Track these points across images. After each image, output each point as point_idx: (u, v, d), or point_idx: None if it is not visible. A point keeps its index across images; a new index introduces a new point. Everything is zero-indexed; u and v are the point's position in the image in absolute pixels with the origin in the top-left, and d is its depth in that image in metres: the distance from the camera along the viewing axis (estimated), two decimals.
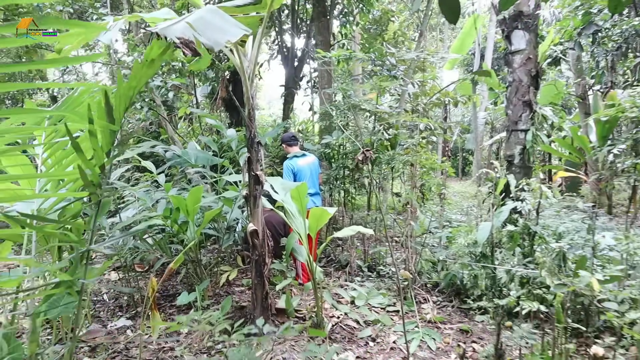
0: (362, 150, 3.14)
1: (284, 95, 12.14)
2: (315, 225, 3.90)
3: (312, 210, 3.80)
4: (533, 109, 6.37)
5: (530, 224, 4.29)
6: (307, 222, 3.96)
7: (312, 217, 3.82)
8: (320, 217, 3.79)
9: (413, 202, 4.85)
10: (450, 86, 12.93)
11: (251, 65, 3.86)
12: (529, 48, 6.38)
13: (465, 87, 13.72)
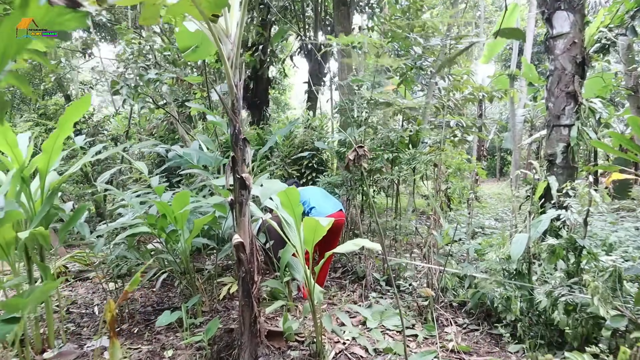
0: (355, 147, 2.49)
1: (307, 92, 11.56)
2: (310, 238, 3.26)
3: (305, 221, 3.18)
4: (578, 101, 5.55)
5: (577, 237, 3.53)
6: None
7: (307, 229, 3.19)
8: (315, 229, 3.16)
9: (436, 208, 4.15)
10: (485, 80, 12.08)
11: (234, 48, 3.26)
12: (574, 31, 5.56)
13: (502, 82, 12.82)
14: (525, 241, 3.57)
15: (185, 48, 5.27)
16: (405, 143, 5.24)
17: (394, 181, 5.28)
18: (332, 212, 4.90)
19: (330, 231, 5.13)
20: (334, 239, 5.14)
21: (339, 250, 3.29)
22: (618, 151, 3.53)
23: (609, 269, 3.41)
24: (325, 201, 4.96)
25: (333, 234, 5.08)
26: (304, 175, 6.01)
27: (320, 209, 4.89)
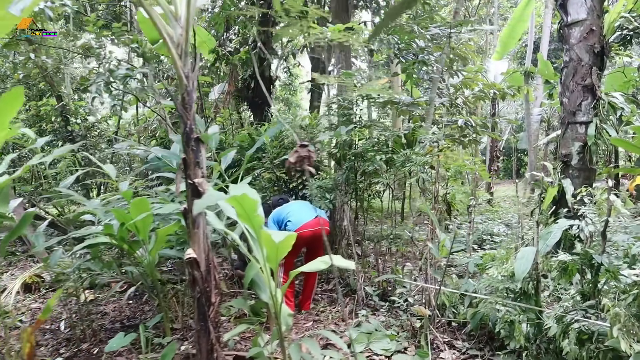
0: (296, 148, 2.01)
1: (309, 91, 11.11)
2: (273, 255, 2.79)
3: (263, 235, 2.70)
4: (596, 96, 4.98)
5: (593, 252, 2.99)
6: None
7: (268, 244, 2.72)
8: (280, 244, 2.68)
9: (431, 217, 3.63)
10: (498, 78, 11.47)
11: (184, 33, 2.80)
12: (591, 18, 4.99)
13: (516, 80, 12.18)
14: (532, 256, 3.04)
15: (155, 40, 4.83)
16: (401, 143, 4.73)
17: (389, 185, 4.77)
18: (307, 221, 4.51)
19: (311, 241, 4.67)
20: (318, 248, 4.73)
21: (305, 269, 2.82)
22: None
23: (634, 290, 2.86)
24: (302, 211, 4.62)
25: (315, 243, 4.69)
26: (294, 179, 5.54)
27: (295, 220, 4.54)
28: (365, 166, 4.53)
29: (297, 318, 4.58)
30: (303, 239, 4.59)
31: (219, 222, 3.03)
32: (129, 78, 4.65)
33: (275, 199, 5.18)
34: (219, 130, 7.39)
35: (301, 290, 4.84)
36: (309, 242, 4.69)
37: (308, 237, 4.56)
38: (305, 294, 4.87)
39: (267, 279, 2.96)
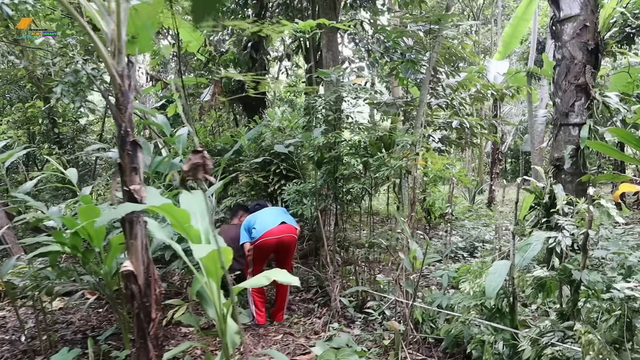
0: (189, 155, 1.77)
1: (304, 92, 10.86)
2: (213, 269, 2.54)
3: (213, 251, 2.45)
4: (590, 96, 4.68)
5: (573, 267, 2.71)
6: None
7: (209, 258, 2.46)
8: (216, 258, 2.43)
9: (402, 226, 3.36)
10: (498, 78, 11.15)
11: (116, 29, 2.57)
12: (585, 13, 4.69)
13: (519, 81, 11.84)
14: (505, 271, 2.76)
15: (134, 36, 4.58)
16: (378, 146, 4.45)
17: (367, 190, 4.50)
18: (271, 228, 4.31)
19: (278, 248, 4.43)
20: (286, 255, 4.54)
21: (245, 285, 2.57)
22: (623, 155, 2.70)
23: (616, 311, 2.58)
24: (268, 218, 4.42)
25: (283, 251, 4.50)
26: (272, 183, 5.29)
27: (259, 227, 4.36)
28: (342, 170, 4.27)
29: (267, 330, 4.34)
30: (268, 247, 4.37)
31: (160, 232, 2.79)
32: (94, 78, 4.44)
33: (252, 204, 4.98)
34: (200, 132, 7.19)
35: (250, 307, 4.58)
36: (276, 250, 4.47)
37: (273, 245, 4.35)
38: (278, 305, 4.63)
39: (211, 294, 2.71)
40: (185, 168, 1.78)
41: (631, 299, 2.86)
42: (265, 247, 4.37)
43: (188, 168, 1.77)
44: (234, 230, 4.99)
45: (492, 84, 9.37)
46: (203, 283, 2.75)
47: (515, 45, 12.23)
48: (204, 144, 7.59)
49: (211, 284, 2.70)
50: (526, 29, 12.19)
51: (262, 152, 5.42)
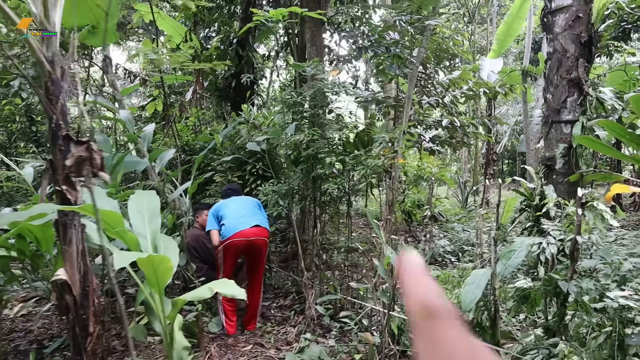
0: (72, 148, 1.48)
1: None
2: (153, 278, 2.25)
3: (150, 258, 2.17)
4: (583, 91, 4.41)
5: (560, 277, 2.42)
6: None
7: (144, 266, 2.18)
8: (155, 267, 2.15)
9: (376, 230, 3.08)
10: (492, 76, 10.87)
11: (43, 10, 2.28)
12: (578, 3, 4.42)
13: (514, 79, 11.59)
14: (485, 281, 2.48)
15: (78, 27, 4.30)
16: (355, 144, 4.17)
17: (345, 190, 4.22)
18: (242, 229, 4.04)
19: (248, 250, 4.16)
20: (257, 259, 4.27)
21: (188, 297, 2.29)
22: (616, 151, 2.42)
23: (607, 327, 2.30)
24: (240, 217, 4.14)
25: (253, 253, 4.24)
26: (248, 183, 5.00)
27: (230, 226, 4.09)
28: (318, 169, 3.99)
29: (236, 340, 4.05)
30: (238, 248, 4.11)
31: (99, 236, 2.50)
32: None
33: (224, 188, 4.72)
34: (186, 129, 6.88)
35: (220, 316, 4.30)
36: (246, 252, 4.21)
37: (243, 246, 4.09)
38: (250, 313, 4.33)
39: (155, 306, 2.42)
40: (67, 163, 1.50)
41: (625, 309, 2.60)
42: (234, 248, 4.10)
43: (71, 163, 1.49)
44: (191, 232, 4.72)
45: (485, 82, 9.10)
46: (147, 294, 2.47)
47: (509, 43, 11.97)
48: (185, 142, 7.32)
49: (154, 294, 2.42)
50: (521, 27, 11.92)
51: (237, 150, 5.13)
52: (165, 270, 2.20)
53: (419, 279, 0.38)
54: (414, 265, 0.39)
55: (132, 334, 2.94)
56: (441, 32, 9.24)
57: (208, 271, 4.70)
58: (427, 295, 0.36)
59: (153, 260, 2.10)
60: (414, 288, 0.37)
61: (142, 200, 2.79)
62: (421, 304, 0.35)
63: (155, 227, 2.64)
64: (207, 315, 4.42)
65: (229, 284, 2.31)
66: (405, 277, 0.38)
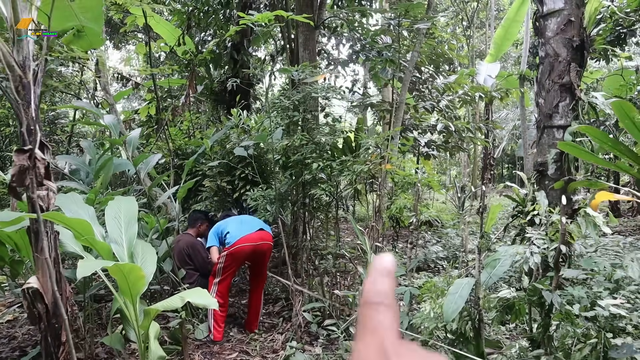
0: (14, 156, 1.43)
1: None
2: (126, 286, 2.20)
3: (120, 266, 2.11)
4: (575, 96, 4.35)
5: (544, 287, 2.36)
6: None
7: (116, 274, 2.13)
8: (129, 274, 2.09)
9: (359, 236, 3.02)
10: (488, 80, 10.83)
11: (12, 12, 2.23)
12: (570, 7, 4.37)
13: (512, 84, 11.57)
14: (468, 291, 2.42)
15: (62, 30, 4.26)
16: (340, 149, 4.12)
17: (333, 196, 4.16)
18: (247, 234, 4.05)
19: (254, 255, 4.15)
20: (261, 263, 4.30)
21: (159, 307, 2.23)
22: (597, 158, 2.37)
23: (592, 339, 2.24)
24: (241, 224, 4.16)
25: (258, 258, 4.27)
26: (237, 189, 4.94)
27: (234, 232, 4.08)
28: (305, 175, 3.94)
29: (222, 347, 3.99)
30: (244, 254, 4.09)
31: (74, 243, 2.45)
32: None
33: (221, 215, 4.82)
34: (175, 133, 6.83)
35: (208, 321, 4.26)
36: (251, 257, 4.22)
37: (249, 252, 4.08)
38: (251, 315, 4.39)
39: (129, 315, 2.37)
40: (11, 172, 1.44)
41: (617, 318, 2.54)
42: (240, 254, 4.07)
43: (14, 172, 1.43)
44: (187, 238, 4.67)
45: (481, 86, 9.06)
46: (121, 303, 2.41)
47: (507, 47, 11.93)
48: (177, 146, 7.27)
49: (127, 303, 2.36)
50: (518, 31, 11.89)
51: (227, 155, 5.08)
52: (137, 278, 2.14)
53: (379, 277, 0.41)
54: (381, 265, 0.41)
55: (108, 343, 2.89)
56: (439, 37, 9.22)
57: (199, 279, 4.65)
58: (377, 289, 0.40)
59: (123, 269, 2.04)
60: (371, 284, 0.40)
61: (120, 207, 2.73)
62: (366, 295, 0.40)
63: (132, 233, 2.59)
64: (193, 322, 4.36)
65: (202, 293, 2.25)
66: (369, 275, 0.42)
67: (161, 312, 4.41)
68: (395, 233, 4.50)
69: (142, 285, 2.21)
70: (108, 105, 6.86)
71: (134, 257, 2.57)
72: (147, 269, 2.55)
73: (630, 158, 2.27)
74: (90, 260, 2.16)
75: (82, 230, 2.15)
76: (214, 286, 4.09)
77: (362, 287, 0.42)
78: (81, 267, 1.88)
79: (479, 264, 2.57)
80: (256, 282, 4.35)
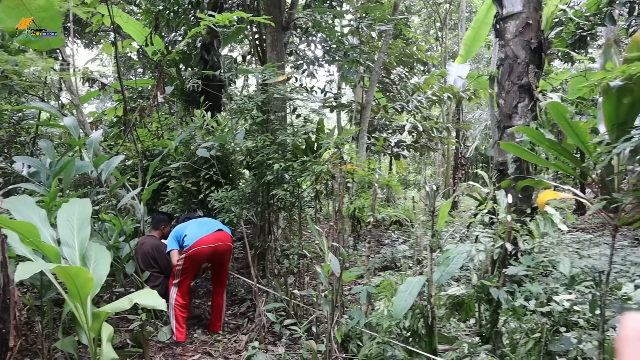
0: None
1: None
2: (74, 289, 2.18)
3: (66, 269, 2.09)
4: (534, 97, 4.46)
5: (492, 284, 2.42)
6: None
7: (64, 277, 2.11)
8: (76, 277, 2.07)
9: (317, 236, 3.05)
10: (458, 81, 10.99)
11: None
12: (528, 10, 4.48)
13: (483, 84, 11.73)
14: (418, 289, 2.46)
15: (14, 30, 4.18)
16: (302, 149, 4.15)
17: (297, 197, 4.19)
18: (204, 236, 4.02)
19: (213, 257, 4.14)
20: (222, 265, 4.29)
21: (107, 309, 2.22)
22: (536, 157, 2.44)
23: (536, 334, 2.30)
24: (199, 226, 4.15)
25: (218, 260, 4.25)
26: (203, 190, 4.92)
27: (192, 235, 4.06)
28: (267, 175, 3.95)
29: (185, 349, 3.97)
30: (202, 255, 4.08)
31: (23, 247, 2.41)
32: None
33: (182, 217, 4.75)
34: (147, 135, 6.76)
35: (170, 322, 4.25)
36: (210, 259, 4.20)
37: (208, 254, 4.07)
38: (214, 316, 4.37)
39: (80, 318, 2.34)
40: None
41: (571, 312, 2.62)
42: (198, 256, 4.05)
43: None
44: (151, 240, 4.64)
45: (450, 87, 9.19)
46: (72, 306, 2.39)
47: (477, 49, 12.08)
48: (146, 148, 7.19)
49: (77, 306, 2.34)
50: (488, 33, 12.07)
51: (192, 156, 5.06)
52: (85, 281, 2.12)
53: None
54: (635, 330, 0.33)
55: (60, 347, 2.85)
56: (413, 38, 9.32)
57: (164, 281, 4.62)
58: None
59: (69, 271, 2.03)
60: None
61: (74, 209, 2.71)
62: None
63: (84, 236, 2.56)
64: (156, 324, 4.33)
65: (151, 294, 2.25)
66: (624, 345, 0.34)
67: (124, 315, 4.39)
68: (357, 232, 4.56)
69: (91, 287, 2.19)
70: (74, 107, 6.75)
71: (87, 260, 2.54)
72: (99, 272, 2.54)
73: (567, 157, 2.34)
74: (31, 263, 2.13)
75: (27, 233, 2.12)
76: (174, 287, 4.10)
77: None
78: (20, 270, 1.86)
79: (430, 263, 2.62)
80: (218, 283, 4.35)
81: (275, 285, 4.32)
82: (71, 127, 3.95)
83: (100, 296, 4.77)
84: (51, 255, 2.25)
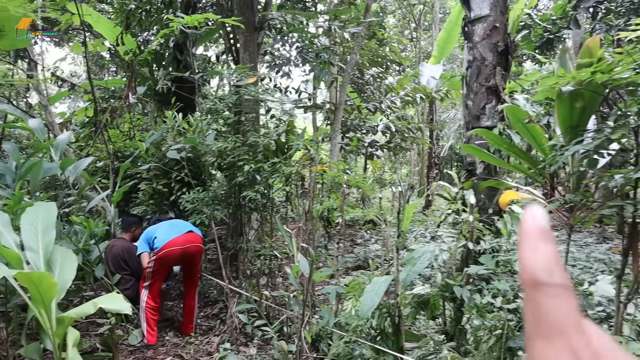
0: None
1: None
2: (37, 294, 2.15)
3: (29, 275, 2.07)
4: (501, 99, 4.57)
5: (455, 283, 2.48)
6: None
7: (27, 282, 2.08)
8: (40, 282, 2.05)
9: (285, 237, 3.07)
10: (431, 82, 11.14)
11: None
12: (495, 13, 4.58)
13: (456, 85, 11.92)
14: (384, 288, 2.50)
15: None
16: (273, 150, 4.17)
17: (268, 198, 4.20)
18: (174, 237, 4.03)
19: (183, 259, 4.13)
20: (192, 266, 4.30)
21: (71, 314, 2.20)
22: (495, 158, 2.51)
23: (497, 330, 2.37)
24: (170, 228, 4.15)
25: (189, 261, 4.25)
26: (174, 192, 4.89)
27: (162, 237, 4.05)
28: (237, 177, 3.96)
29: (156, 352, 3.95)
30: (172, 257, 4.07)
31: None
32: None
33: (153, 219, 4.70)
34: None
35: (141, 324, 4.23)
36: (181, 260, 4.18)
37: (178, 255, 4.06)
38: (186, 318, 4.38)
39: (44, 324, 2.32)
40: None
41: None
42: (168, 258, 4.04)
43: None
44: (122, 243, 4.59)
45: (422, 87, 9.31)
46: (36, 311, 2.35)
47: (449, 50, 12.28)
48: (117, 149, 7.09)
49: (41, 311, 2.31)
50: (460, 34, 12.27)
51: (163, 157, 5.02)
52: (49, 286, 2.10)
53: (538, 244, 0.33)
54: (534, 225, 0.34)
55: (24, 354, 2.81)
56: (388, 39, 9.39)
57: (135, 284, 4.58)
58: (539, 263, 0.32)
59: (32, 277, 2.00)
60: (530, 254, 0.33)
61: (38, 213, 2.67)
62: (530, 273, 0.32)
63: (49, 240, 2.53)
64: (127, 327, 4.29)
65: (117, 298, 2.23)
66: (522, 240, 0.34)
67: (93, 319, 4.33)
68: (327, 233, 4.58)
69: (55, 292, 2.17)
70: (42, 107, 6.62)
71: (52, 264, 2.51)
72: (65, 276, 2.51)
73: (524, 159, 2.42)
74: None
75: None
76: (144, 290, 4.08)
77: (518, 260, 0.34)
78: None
79: (397, 262, 2.66)
80: (189, 285, 4.34)
81: (246, 286, 4.32)
82: (36, 129, 3.88)
83: (70, 300, 4.70)
84: (13, 261, 2.22)
